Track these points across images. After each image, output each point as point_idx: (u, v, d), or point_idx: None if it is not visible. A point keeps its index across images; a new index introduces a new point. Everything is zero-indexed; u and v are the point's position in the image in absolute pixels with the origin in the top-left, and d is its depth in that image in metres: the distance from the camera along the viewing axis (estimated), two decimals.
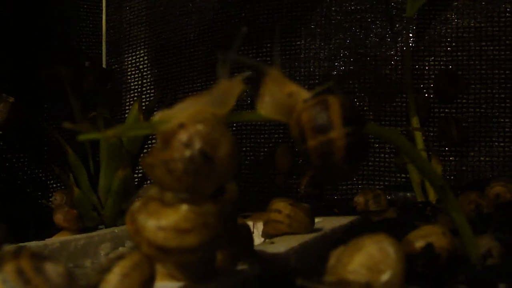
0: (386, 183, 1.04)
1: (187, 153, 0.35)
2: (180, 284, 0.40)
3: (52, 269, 0.32)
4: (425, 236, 0.47)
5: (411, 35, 1.03)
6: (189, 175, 0.35)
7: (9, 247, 0.33)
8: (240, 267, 0.46)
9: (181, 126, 0.36)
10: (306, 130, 0.39)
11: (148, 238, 0.36)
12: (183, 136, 0.36)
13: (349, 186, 1.06)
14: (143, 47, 1.23)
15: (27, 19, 1.07)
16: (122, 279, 0.34)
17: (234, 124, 1.12)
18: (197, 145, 0.35)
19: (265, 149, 1.13)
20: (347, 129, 0.38)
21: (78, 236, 0.74)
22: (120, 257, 0.35)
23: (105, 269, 0.35)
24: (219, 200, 0.37)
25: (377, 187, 1.02)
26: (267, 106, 0.41)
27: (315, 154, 0.39)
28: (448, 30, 1.02)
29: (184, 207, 0.36)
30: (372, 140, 1.04)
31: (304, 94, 0.40)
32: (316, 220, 0.67)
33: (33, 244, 0.66)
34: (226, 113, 0.39)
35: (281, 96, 0.41)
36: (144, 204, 0.37)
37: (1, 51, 1.02)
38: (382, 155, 1.05)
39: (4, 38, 1.02)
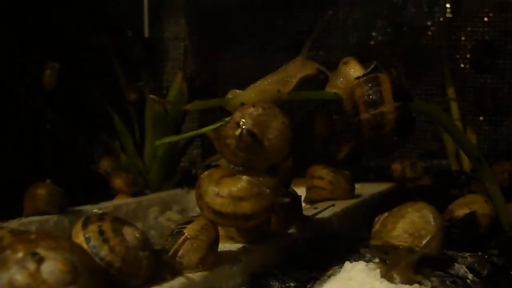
0: (421, 150, 1.06)
1: (237, 131, 0.40)
2: (239, 245, 0.44)
3: (130, 232, 0.36)
4: (468, 204, 0.51)
5: (448, 5, 1.04)
6: (241, 151, 0.40)
7: (95, 211, 0.37)
8: (291, 230, 0.50)
9: (241, 105, 0.40)
10: (359, 104, 0.43)
11: (208, 203, 0.40)
12: (237, 116, 0.40)
13: None
14: (183, 16, 1.25)
15: None
16: (192, 241, 0.38)
17: None
18: (247, 125, 0.40)
19: (301, 115, 1.14)
20: (397, 103, 0.42)
21: (129, 200, 0.79)
22: (188, 221, 0.40)
23: (175, 233, 0.39)
24: (275, 174, 0.41)
25: (412, 154, 1.05)
26: (335, 82, 0.45)
27: (367, 126, 0.43)
28: (485, 1, 1.03)
29: (242, 178, 0.40)
30: None
31: (358, 68, 0.44)
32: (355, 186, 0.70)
33: (88, 207, 0.70)
34: (289, 91, 0.43)
35: (341, 66, 0.45)
36: (209, 173, 0.41)
37: (47, 22, 1.04)
38: (417, 123, 1.06)
39: (49, 9, 1.05)
